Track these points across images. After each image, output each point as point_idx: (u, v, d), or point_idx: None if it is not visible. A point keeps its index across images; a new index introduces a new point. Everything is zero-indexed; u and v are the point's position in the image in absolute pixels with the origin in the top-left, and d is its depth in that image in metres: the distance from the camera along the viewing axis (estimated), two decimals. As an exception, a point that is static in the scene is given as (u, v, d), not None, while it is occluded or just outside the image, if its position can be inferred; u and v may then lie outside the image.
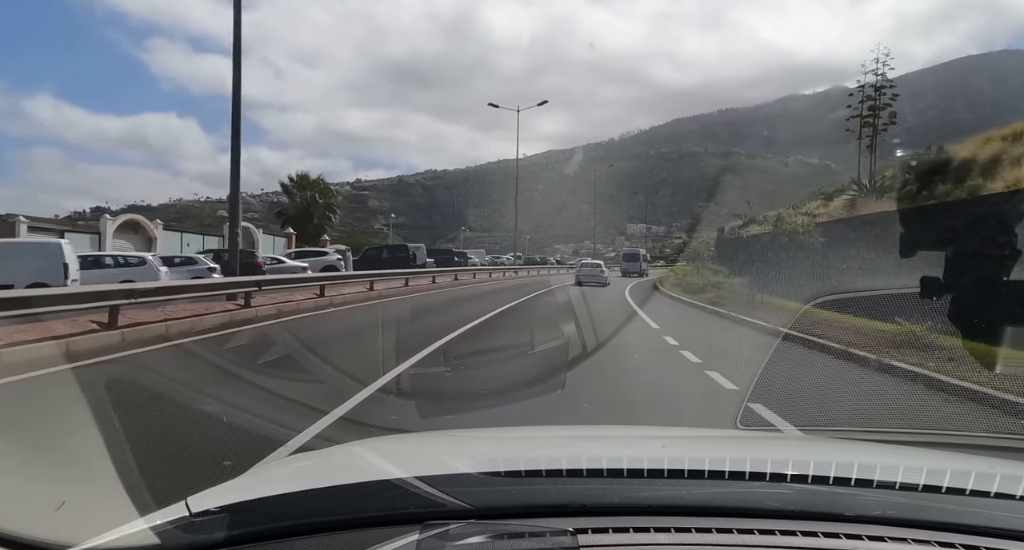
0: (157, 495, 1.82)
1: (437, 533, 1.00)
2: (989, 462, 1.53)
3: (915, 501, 1.17)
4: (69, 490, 2.27)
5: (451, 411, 5.06)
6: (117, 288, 9.88)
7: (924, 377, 6.44)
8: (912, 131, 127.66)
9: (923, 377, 6.45)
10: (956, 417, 5.23)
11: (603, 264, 33.47)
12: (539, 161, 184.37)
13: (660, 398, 6.12)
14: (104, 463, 2.91)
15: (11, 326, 7.97)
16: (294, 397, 5.25)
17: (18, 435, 4.23)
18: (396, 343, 8.81)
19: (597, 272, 29.65)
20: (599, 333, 9.59)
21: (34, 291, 9.10)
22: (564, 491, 1.18)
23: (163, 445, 4.00)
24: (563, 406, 5.29)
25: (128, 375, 6.76)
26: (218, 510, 1.08)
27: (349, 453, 1.68)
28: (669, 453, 1.45)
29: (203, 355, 8.00)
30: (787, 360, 7.62)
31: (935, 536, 1.05)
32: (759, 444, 2.03)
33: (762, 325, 10.74)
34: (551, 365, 6.77)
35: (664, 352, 8.76)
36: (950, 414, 5.35)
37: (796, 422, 4.43)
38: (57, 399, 5.58)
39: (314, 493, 1.15)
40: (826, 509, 1.12)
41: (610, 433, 2.39)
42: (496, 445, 1.81)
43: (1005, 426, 4.95)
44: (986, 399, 5.53)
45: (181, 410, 4.88)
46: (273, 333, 10.26)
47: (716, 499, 1.17)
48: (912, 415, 5.50)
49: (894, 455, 1.77)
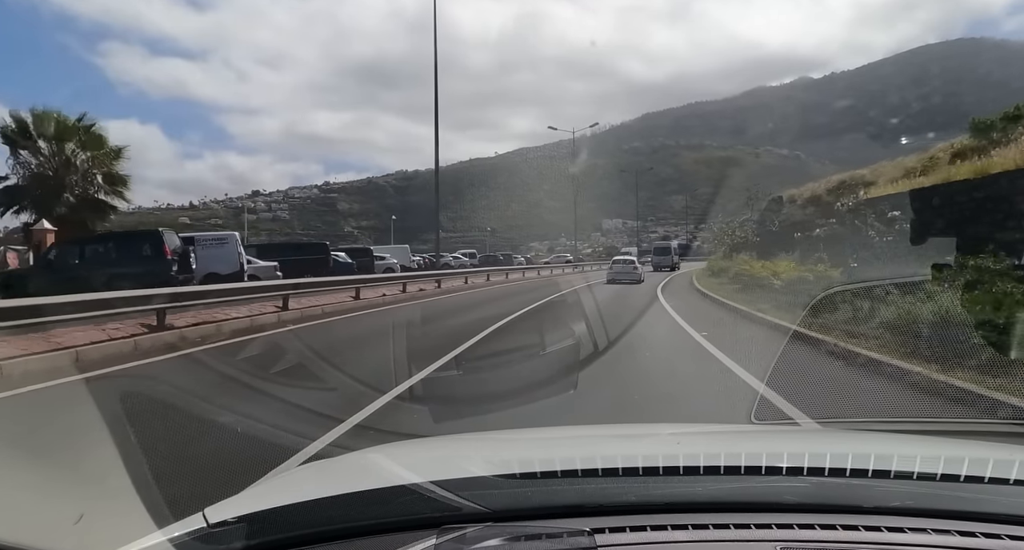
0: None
1: (454, 537, 0.99)
2: (1008, 449, 1.53)
3: (934, 491, 1.16)
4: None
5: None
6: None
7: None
8: (917, 116, 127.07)
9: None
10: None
11: (637, 259, 30.00)
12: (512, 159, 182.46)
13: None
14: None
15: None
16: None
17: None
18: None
19: (630, 269, 26.87)
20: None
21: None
22: (580, 491, 1.17)
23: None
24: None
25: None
26: (235, 520, 1.08)
27: (364, 459, 1.67)
28: (684, 449, 1.45)
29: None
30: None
31: (955, 525, 1.04)
32: (774, 438, 2.03)
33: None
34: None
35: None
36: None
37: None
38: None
39: (330, 500, 1.15)
40: (844, 501, 1.12)
41: (624, 431, 2.33)
42: (510, 447, 1.79)
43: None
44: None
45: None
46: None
47: (733, 494, 1.16)
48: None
49: (911, 445, 1.72)
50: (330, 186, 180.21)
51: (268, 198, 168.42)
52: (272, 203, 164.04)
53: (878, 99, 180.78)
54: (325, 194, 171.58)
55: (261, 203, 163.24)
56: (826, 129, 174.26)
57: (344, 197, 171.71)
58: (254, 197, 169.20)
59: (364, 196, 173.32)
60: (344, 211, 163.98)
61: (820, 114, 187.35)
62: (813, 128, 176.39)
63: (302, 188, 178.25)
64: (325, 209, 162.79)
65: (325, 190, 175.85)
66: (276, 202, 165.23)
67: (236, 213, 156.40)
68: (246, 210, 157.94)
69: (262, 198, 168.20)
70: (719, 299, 15.28)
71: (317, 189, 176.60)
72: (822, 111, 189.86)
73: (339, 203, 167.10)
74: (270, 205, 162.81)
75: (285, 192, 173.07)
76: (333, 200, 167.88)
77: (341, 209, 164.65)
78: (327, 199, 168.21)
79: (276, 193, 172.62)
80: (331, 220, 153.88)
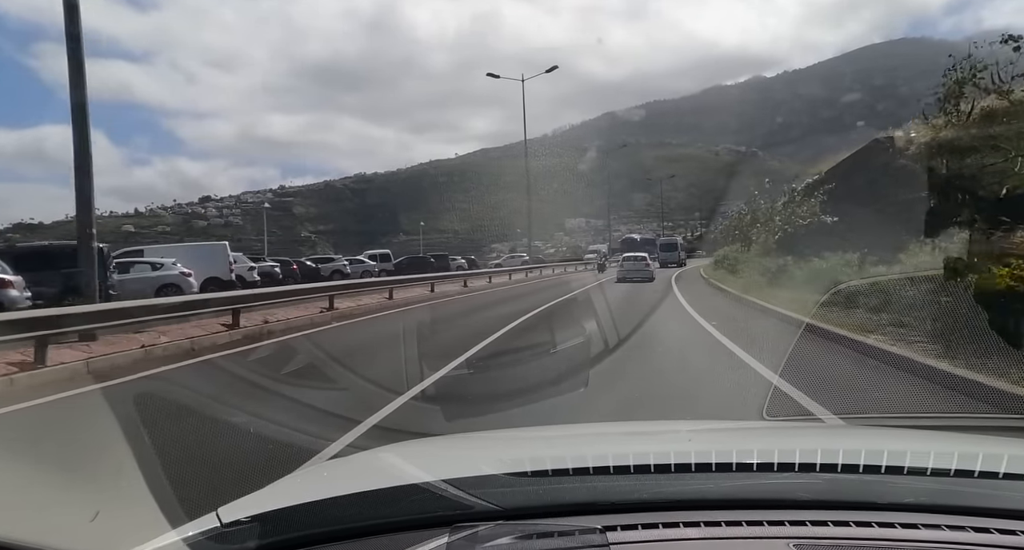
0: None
1: (466, 535, 0.99)
2: (1022, 444, 1.53)
3: (947, 486, 1.15)
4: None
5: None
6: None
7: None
8: (867, 112, 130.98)
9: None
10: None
11: (647, 256, 28.21)
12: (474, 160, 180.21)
13: None
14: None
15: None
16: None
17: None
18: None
19: (642, 266, 25.57)
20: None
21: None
22: (592, 489, 1.16)
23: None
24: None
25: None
26: (248, 520, 1.08)
27: (376, 458, 1.67)
28: (696, 446, 1.43)
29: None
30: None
31: (969, 521, 1.03)
32: (787, 434, 2.00)
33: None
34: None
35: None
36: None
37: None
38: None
39: (343, 500, 1.15)
40: (857, 498, 1.11)
41: (636, 429, 2.32)
42: (521, 445, 1.78)
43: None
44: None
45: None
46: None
47: (745, 491, 1.15)
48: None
49: (924, 441, 1.71)
50: (285, 190, 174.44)
51: (220, 203, 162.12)
52: (224, 209, 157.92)
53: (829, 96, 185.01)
54: (280, 198, 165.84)
55: (212, 209, 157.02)
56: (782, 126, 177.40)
57: (300, 201, 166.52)
58: (204, 203, 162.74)
59: (321, 200, 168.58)
60: (301, 215, 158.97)
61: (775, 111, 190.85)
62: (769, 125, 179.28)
63: (256, 193, 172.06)
64: (281, 214, 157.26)
65: (280, 194, 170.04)
66: (228, 207, 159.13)
67: (186, 220, 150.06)
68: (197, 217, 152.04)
69: (213, 203, 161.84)
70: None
71: (272, 193, 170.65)
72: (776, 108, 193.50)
73: (295, 207, 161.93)
74: (222, 211, 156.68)
75: (238, 197, 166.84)
76: (289, 204, 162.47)
77: (297, 213, 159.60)
78: (282, 203, 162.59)
79: (229, 198, 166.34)
80: (287, 225, 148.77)
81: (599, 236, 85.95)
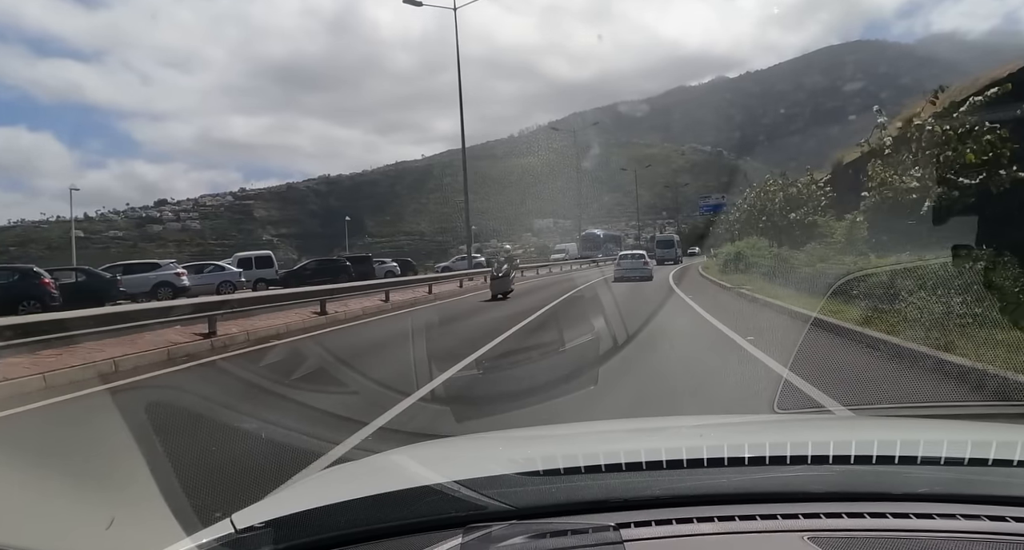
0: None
1: (480, 535, 1.01)
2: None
3: (961, 475, 1.15)
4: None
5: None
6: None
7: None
8: (826, 111, 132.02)
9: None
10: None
11: (646, 254, 27.20)
12: (441, 161, 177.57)
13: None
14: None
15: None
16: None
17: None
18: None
19: (640, 264, 24.28)
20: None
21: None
22: (604, 486, 1.16)
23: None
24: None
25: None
26: (262, 525, 1.09)
27: (387, 461, 1.68)
28: (707, 442, 1.45)
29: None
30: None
31: (984, 510, 1.03)
32: (798, 427, 2.00)
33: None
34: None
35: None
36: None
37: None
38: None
39: (356, 503, 1.16)
40: (871, 489, 1.11)
41: (646, 425, 2.27)
42: (532, 444, 1.79)
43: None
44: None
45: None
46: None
47: (758, 485, 1.16)
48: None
49: (937, 430, 1.70)
50: (246, 192, 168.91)
51: (176, 207, 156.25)
52: (181, 212, 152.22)
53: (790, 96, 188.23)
54: (240, 201, 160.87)
55: (168, 213, 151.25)
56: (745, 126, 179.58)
57: (261, 203, 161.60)
58: (160, 206, 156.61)
59: (283, 202, 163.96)
60: (262, 218, 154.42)
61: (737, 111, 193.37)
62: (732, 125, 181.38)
63: (215, 195, 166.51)
64: (241, 217, 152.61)
65: (240, 197, 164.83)
66: (185, 211, 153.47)
67: (139, 224, 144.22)
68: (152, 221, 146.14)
69: (169, 207, 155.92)
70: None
71: (232, 196, 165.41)
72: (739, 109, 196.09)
73: (256, 210, 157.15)
74: (178, 214, 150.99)
75: (196, 200, 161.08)
76: (249, 207, 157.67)
77: (258, 216, 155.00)
78: (243, 206, 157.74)
79: (186, 201, 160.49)
80: (247, 228, 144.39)
81: (567, 236, 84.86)
